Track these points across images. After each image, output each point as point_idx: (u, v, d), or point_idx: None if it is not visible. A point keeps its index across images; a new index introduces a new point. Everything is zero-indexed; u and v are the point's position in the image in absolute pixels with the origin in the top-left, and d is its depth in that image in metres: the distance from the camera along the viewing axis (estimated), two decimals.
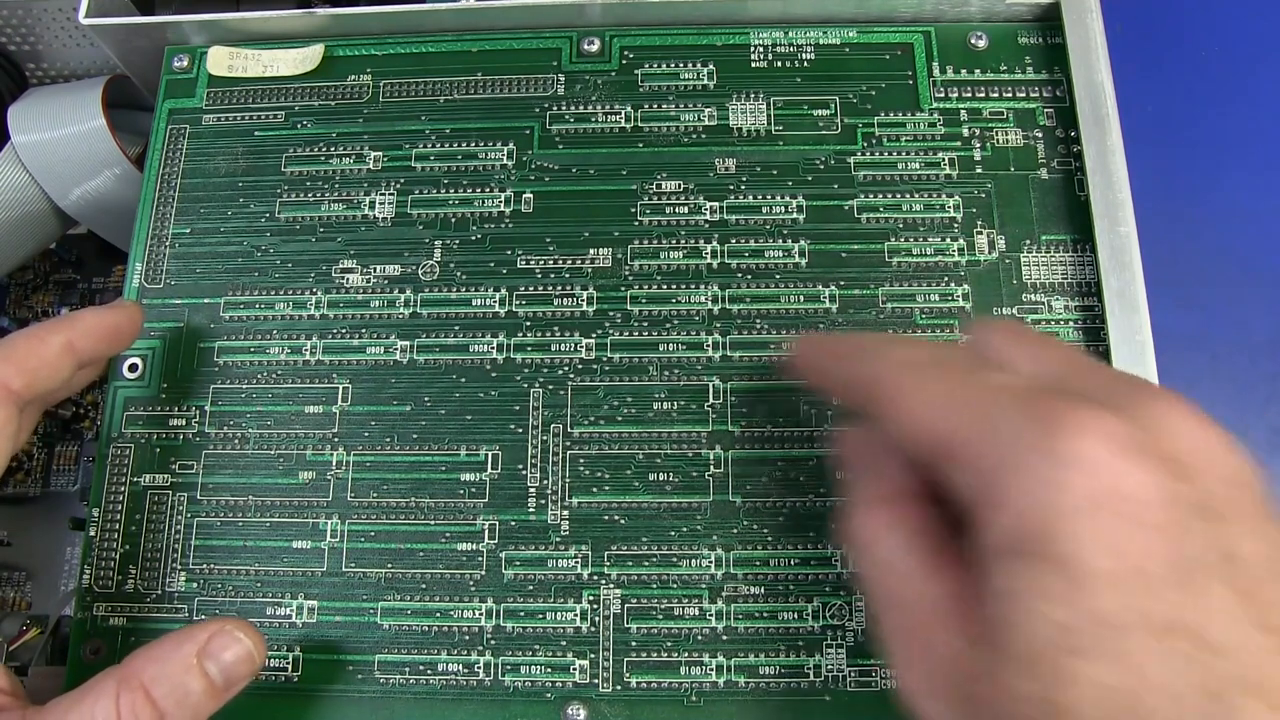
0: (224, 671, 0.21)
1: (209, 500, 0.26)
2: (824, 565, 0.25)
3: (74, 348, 0.24)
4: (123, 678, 0.20)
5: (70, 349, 0.24)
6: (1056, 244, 0.27)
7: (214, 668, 0.21)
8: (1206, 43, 0.38)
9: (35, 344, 0.23)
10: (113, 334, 0.25)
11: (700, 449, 0.26)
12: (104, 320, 0.25)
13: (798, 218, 0.27)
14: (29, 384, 0.23)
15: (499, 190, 0.28)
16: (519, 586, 0.25)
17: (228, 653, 0.21)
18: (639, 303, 0.27)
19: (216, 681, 0.21)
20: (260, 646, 0.22)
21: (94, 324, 0.24)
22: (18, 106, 0.31)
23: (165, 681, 0.20)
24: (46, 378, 0.23)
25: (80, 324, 0.24)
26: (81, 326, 0.24)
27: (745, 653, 0.24)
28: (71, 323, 0.24)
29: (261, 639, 0.22)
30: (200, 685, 0.21)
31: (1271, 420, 0.34)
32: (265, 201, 0.28)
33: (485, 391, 0.26)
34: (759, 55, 0.29)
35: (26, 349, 0.23)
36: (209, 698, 0.21)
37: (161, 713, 0.20)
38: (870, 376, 0.20)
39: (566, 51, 0.29)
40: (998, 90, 0.28)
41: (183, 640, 0.21)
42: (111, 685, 0.20)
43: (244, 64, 0.30)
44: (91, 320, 0.24)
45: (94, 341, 0.24)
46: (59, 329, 0.24)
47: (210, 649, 0.21)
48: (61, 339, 0.23)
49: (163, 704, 0.20)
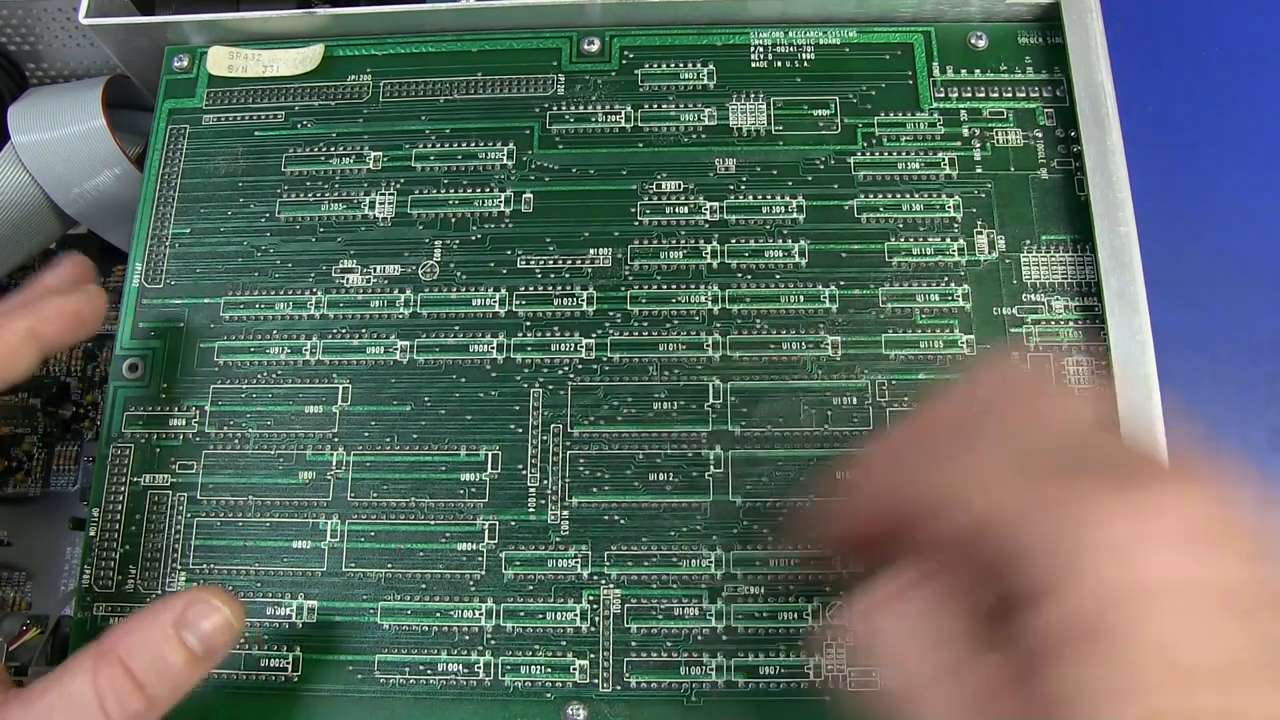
0: (203, 641, 0.20)
1: (209, 500, 0.26)
2: (824, 565, 0.25)
3: (37, 334, 0.23)
4: (99, 652, 0.20)
5: (33, 335, 0.23)
6: (1056, 244, 0.27)
7: (192, 637, 0.20)
8: (1206, 43, 0.38)
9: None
10: (75, 320, 0.24)
11: (700, 449, 0.26)
12: (66, 307, 0.24)
13: (798, 218, 0.27)
14: None
15: (499, 190, 0.28)
16: (519, 586, 0.25)
17: (206, 621, 0.20)
18: (639, 303, 0.27)
19: (196, 651, 0.20)
20: (239, 613, 0.21)
21: (56, 311, 0.23)
22: (18, 106, 0.31)
23: (143, 653, 0.20)
24: (9, 366, 0.23)
25: (42, 311, 0.23)
26: (44, 313, 0.23)
27: (745, 653, 0.24)
28: (34, 310, 0.23)
29: (240, 606, 0.21)
30: (180, 656, 0.20)
31: (1271, 420, 0.34)
32: (265, 201, 0.28)
33: (485, 391, 0.26)
34: (759, 55, 0.29)
35: None
36: (189, 668, 0.20)
37: (140, 684, 0.20)
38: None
39: (566, 51, 0.29)
40: (998, 90, 0.28)
41: (159, 611, 0.20)
42: (89, 661, 0.20)
43: (244, 64, 0.30)
44: (54, 307, 0.24)
45: (57, 329, 0.23)
46: (20, 316, 0.23)
47: (187, 618, 0.20)
48: (24, 325, 0.23)
49: (141, 676, 0.20)
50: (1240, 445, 0.34)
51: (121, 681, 0.20)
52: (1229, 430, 0.34)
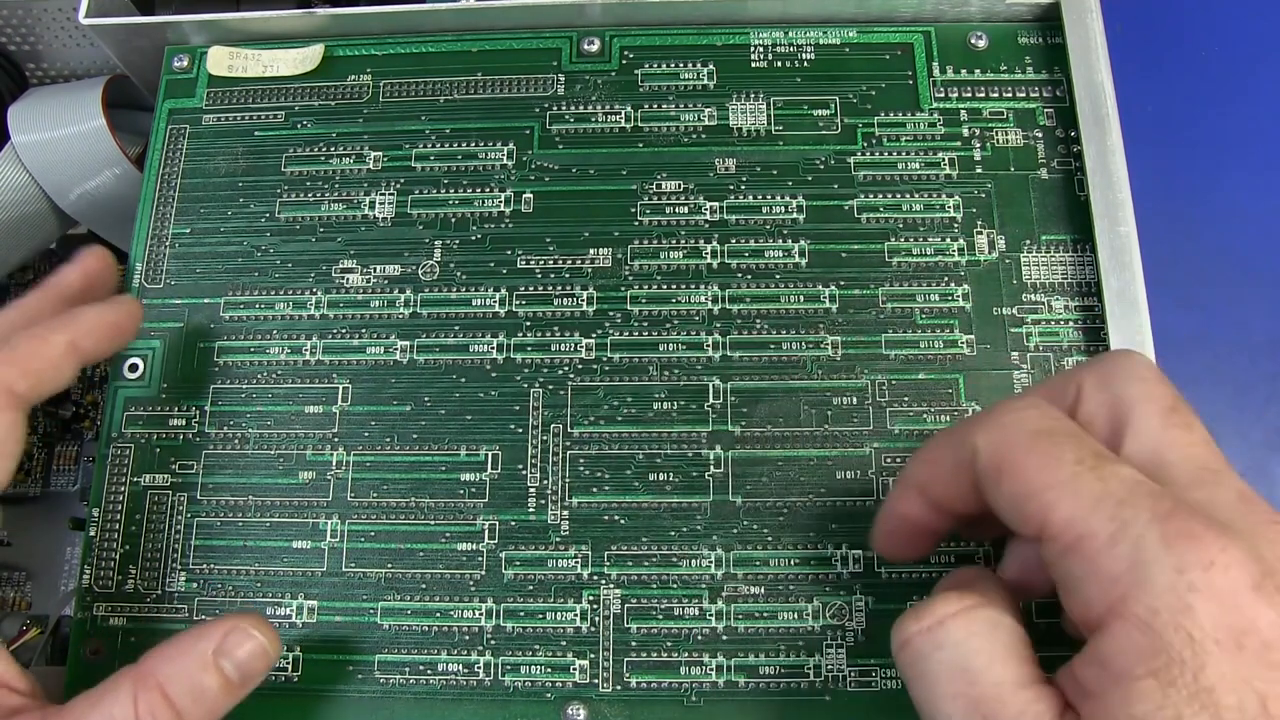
0: (239, 668, 0.21)
1: (209, 500, 0.26)
2: (824, 565, 0.25)
3: (77, 347, 0.23)
4: (138, 677, 0.20)
5: (73, 349, 0.23)
6: (1056, 244, 0.27)
7: (229, 664, 0.21)
8: (1206, 43, 0.38)
9: (39, 345, 0.23)
10: (114, 331, 0.24)
11: (700, 449, 0.26)
12: (105, 318, 0.24)
13: (798, 218, 0.27)
14: (34, 386, 0.22)
15: (499, 190, 0.28)
16: (519, 586, 0.25)
17: (242, 649, 0.21)
18: (639, 303, 0.27)
19: (232, 678, 0.21)
20: (275, 641, 0.22)
21: (96, 322, 0.24)
22: (18, 106, 0.31)
23: (181, 680, 0.20)
24: (51, 379, 0.23)
25: (82, 322, 0.24)
26: (84, 325, 0.24)
27: (745, 653, 0.24)
28: (74, 321, 0.23)
29: (276, 634, 0.22)
30: (216, 682, 0.20)
31: (1271, 420, 0.34)
32: (265, 201, 0.28)
33: (485, 391, 0.26)
34: (759, 55, 0.29)
35: (29, 350, 0.23)
36: (225, 694, 0.21)
37: (178, 711, 0.20)
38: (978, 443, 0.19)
39: (566, 51, 0.29)
40: (998, 90, 0.28)
41: (198, 638, 0.21)
42: (128, 685, 0.20)
43: (244, 64, 0.30)
44: (93, 318, 0.24)
45: (96, 340, 0.24)
46: (62, 328, 0.23)
47: (225, 646, 0.21)
48: (64, 338, 0.23)
49: (179, 702, 0.20)
50: (1240, 445, 0.34)
51: (160, 707, 0.20)
52: (1229, 430, 0.34)
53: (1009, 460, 0.18)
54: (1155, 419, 0.18)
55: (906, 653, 0.18)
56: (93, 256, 0.26)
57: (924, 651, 0.18)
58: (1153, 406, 0.18)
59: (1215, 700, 0.15)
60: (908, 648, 0.18)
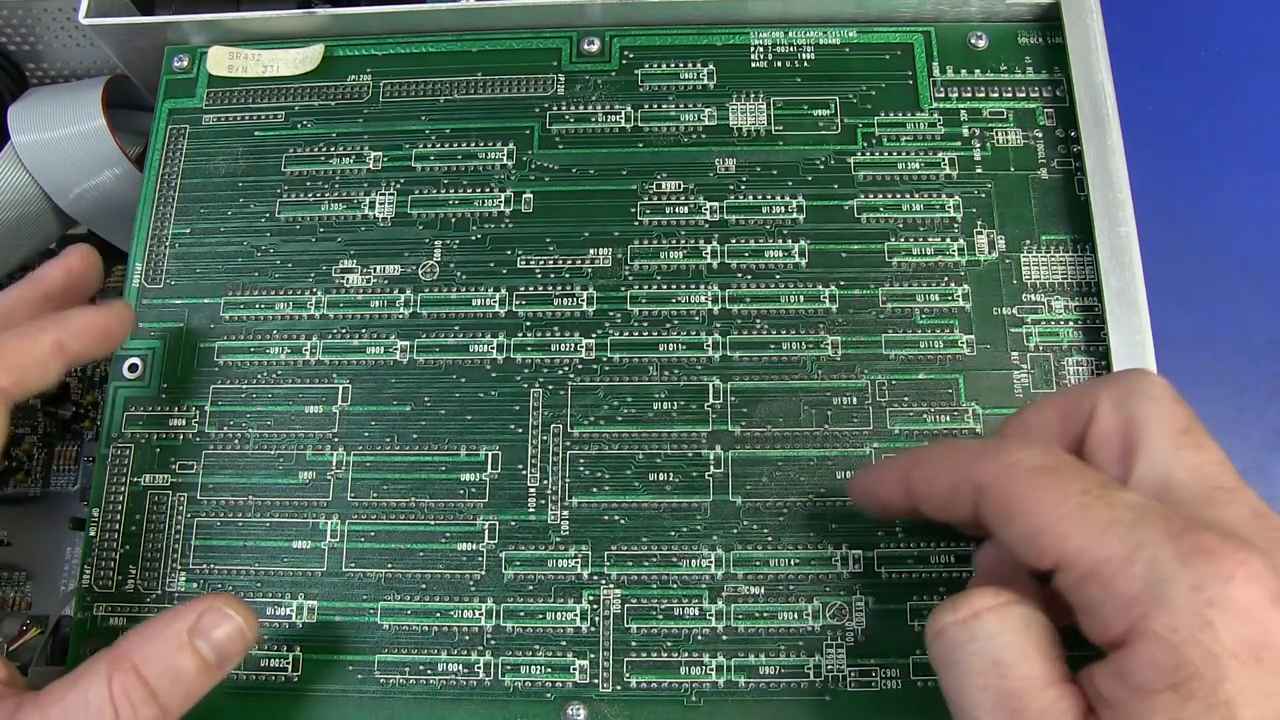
0: (216, 649, 0.21)
1: (209, 500, 0.26)
2: (824, 565, 0.25)
3: (64, 348, 0.23)
4: (114, 659, 0.20)
5: (60, 349, 0.23)
6: (1056, 244, 0.27)
7: (205, 645, 0.21)
8: (1206, 43, 0.38)
9: (26, 343, 0.23)
10: (103, 335, 0.24)
11: (700, 449, 0.26)
12: (94, 321, 0.24)
13: (798, 218, 0.27)
14: (17, 382, 0.22)
15: (499, 190, 0.28)
16: (519, 586, 0.25)
17: (219, 630, 0.21)
18: (639, 303, 0.27)
19: (209, 659, 0.21)
20: (251, 622, 0.21)
21: (84, 324, 0.24)
22: (18, 106, 0.31)
23: (157, 661, 0.20)
24: (35, 377, 0.23)
25: (71, 324, 0.23)
26: (72, 326, 0.23)
27: (745, 653, 0.24)
28: (63, 322, 0.23)
29: (253, 614, 0.21)
30: (192, 664, 0.20)
31: (1271, 420, 0.34)
32: (265, 201, 0.28)
33: (485, 391, 0.26)
34: (759, 55, 0.29)
35: (16, 348, 0.23)
36: (202, 675, 0.21)
37: (153, 692, 0.20)
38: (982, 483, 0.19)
39: (566, 51, 0.29)
40: (998, 90, 0.28)
41: (173, 619, 0.21)
42: (103, 667, 0.20)
43: (244, 64, 0.30)
44: (82, 321, 0.24)
45: (84, 342, 0.24)
46: (50, 328, 0.23)
47: (201, 626, 0.21)
48: (51, 338, 0.23)
49: (155, 683, 0.20)
50: (1240, 445, 0.34)
51: (135, 689, 0.20)
52: (1229, 430, 0.34)
53: (1016, 499, 0.18)
54: (1168, 440, 0.19)
55: (940, 642, 0.18)
56: (77, 254, 0.26)
57: (958, 642, 0.18)
58: (1166, 427, 0.19)
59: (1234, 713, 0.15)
60: (942, 637, 0.18)
